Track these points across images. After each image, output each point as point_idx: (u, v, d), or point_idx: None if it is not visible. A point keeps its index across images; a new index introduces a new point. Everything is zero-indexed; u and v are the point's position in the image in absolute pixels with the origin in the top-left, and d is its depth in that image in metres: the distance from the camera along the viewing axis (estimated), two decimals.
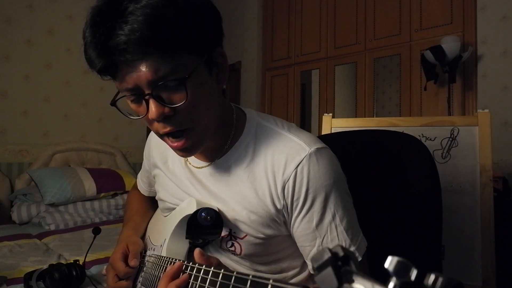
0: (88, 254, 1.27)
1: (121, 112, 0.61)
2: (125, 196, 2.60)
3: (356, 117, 2.96)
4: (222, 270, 0.47)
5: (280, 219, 0.65)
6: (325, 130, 1.64)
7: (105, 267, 1.40)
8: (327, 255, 0.27)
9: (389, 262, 0.24)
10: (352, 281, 0.25)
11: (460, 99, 2.44)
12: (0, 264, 1.46)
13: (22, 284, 1.22)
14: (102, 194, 2.51)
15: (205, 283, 0.49)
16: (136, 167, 3.21)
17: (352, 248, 0.63)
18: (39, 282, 1.19)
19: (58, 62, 2.81)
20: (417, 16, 2.65)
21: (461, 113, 2.41)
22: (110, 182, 2.59)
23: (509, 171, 2.12)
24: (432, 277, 0.23)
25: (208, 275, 0.49)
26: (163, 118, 0.56)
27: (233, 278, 0.44)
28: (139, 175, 0.99)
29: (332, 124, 1.64)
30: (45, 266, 1.22)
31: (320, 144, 0.65)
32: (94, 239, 1.21)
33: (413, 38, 2.67)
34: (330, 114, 1.68)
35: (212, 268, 0.50)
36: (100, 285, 1.30)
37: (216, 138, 0.68)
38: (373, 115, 2.87)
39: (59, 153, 2.77)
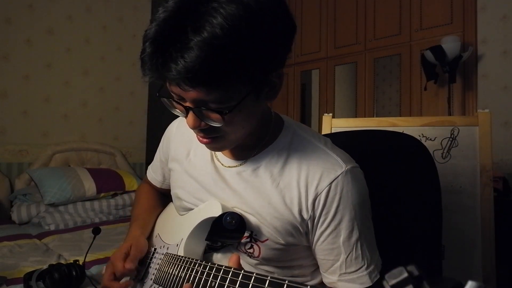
0: (88, 254, 1.27)
1: (166, 107, 0.61)
2: (125, 196, 2.60)
3: (356, 117, 2.96)
4: (242, 271, 0.48)
5: (304, 228, 0.66)
6: (325, 130, 1.64)
7: (104, 267, 1.40)
8: (405, 273, 0.28)
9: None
10: None
11: (460, 99, 2.44)
12: (0, 264, 1.46)
13: (22, 284, 1.22)
14: (102, 194, 2.51)
15: (225, 282, 0.50)
16: (136, 167, 3.21)
17: (372, 266, 0.65)
18: (39, 282, 1.19)
19: (58, 62, 2.81)
20: (417, 16, 2.65)
21: (461, 113, 2.41)
22: (110, 182, 2.59)
23: (509, 171, 2.12)
24: None
25: (228, 275, 0.51)
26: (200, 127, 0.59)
27: (253, 278, 0.45)
28: (150, 168, 0.97)
29: (332, 124, 1.64)
30: (45, 266, 1.22)
31: (354, 163, 0.67)
32: (94, 239, 1.21)
33: (413, 38, 2.67)
34: (330, 114, 1.68)
35: (232, 268, 0.51)
36: (100, 285, 1.30)
37: (249, 139, 0.67)
38: (373, 115, 2.87)
39: (59, 153, 2.77)
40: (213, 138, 0.61)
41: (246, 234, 0.68)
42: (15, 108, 2.62)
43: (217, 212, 0.66)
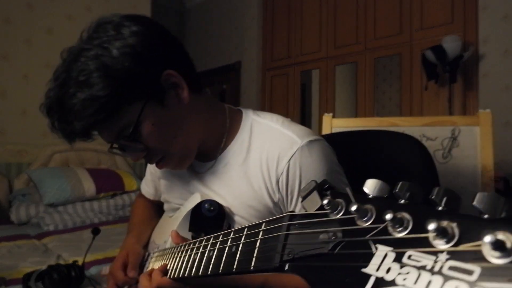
0: (87, 255, 1.26)
1: (120, 155, 0.69)
2: (124, 196, 2.59)
3: (356, 117, 2.95)
4: (213, 235, 0.50)
5: (278, 212, 0.67)
6: (326, 130, 1.63)
7: (103, 267, 1.39)
8: (313, 184, 0.31)
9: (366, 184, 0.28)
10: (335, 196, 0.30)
11: (461, 99, 2.44)
12: None
13: (21, 285, 1.22)
14: (102, 194, 2.50)
15: (199, 250, 0.52)
16: (135, 167, 3.20)
17: None
18: (38, 283, 1.18)
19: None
20: (417, 16, 2.65)
21: (462, 113, 2.41)
22: (110, 182, 2.58)
23: (510, 171, 2.12)
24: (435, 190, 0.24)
25: (202, 243, 0.52)
26: (141, 158, 0.65)
27: (220, 235, 0.47)
28: (143, 182, 1.00)
29: (332, 124, 1.63)
30: (44, 267, 1.21)
31: (312, 136, 0.66)
32: (94, 239, 1.20)
33: (413, 38, 2.67)
34: (331, 114, 1.67)
35: (205, 237, 0.53)
36: (100, 286, 1.29)
37: (209, 142, 0.71)
38: (373, 115, 2.87)
39: (58, 153, 2.76)
40: (161, 161, 0.67)
41: (225, 227, 0.69)
42: (14, 108, 2.61)
43: (196, 201, 0.69)
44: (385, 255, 0.24)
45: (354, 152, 1.00)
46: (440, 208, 0.24)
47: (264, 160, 0.66)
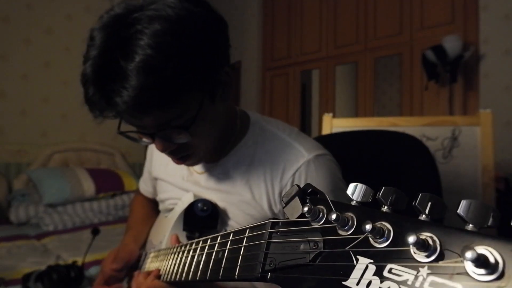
0: (87, 255, 1.26)
1: (130, 139, 0.61)
2: (124, 196, 2.58)
3: (356, 117, 2.95)
4: (211, 236, 0.48)
5: None
6: (326, 130, 1.62)
7: None
8: (296, 189, 0.31)
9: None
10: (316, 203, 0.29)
11: (462, 99, 2.43)
12: None
13: (20, 285, 1.22)
14: (101, 195, 2.49)
15: (196, 252, 0.51)
16: (135, 167, 3.20)
17: None
18: (37, 284, 1.18)
19: (57, 61, 2.80)
20: (418, 15, 2.64)
21: (462, 113, 2.40)
22: (109, 182, 2.58)
23: (511, 171, 2.11)
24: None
25: (199, 244, 0.51)
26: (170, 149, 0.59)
27: (219, 237, 0.46)
28: (141, 180, 1.00)
29: (332, 124, 1.63)
30: (44, 267, 1.21)
31: (320, 151, 0.65)
32: (93, 239, 1.20)
33: (414, 37, 2.66)
34: (331, 114, 1.66)
35: (202, 239, 0.51)
36: None
37: (217, 142, 0.68)
38: (374, 115, 2.86)
39: (57, 153, 2.76)
40: (186, 157, 0.62)
41: (223, 232, 0.68)
42: (13, 108, 2.61)
43: (189, 200, 0.68)
44: (366, 268, 0.24)
45: (354, 152, 1.00)
46: (423, 217, 0.23)
47: (268, 170, 0.65)
